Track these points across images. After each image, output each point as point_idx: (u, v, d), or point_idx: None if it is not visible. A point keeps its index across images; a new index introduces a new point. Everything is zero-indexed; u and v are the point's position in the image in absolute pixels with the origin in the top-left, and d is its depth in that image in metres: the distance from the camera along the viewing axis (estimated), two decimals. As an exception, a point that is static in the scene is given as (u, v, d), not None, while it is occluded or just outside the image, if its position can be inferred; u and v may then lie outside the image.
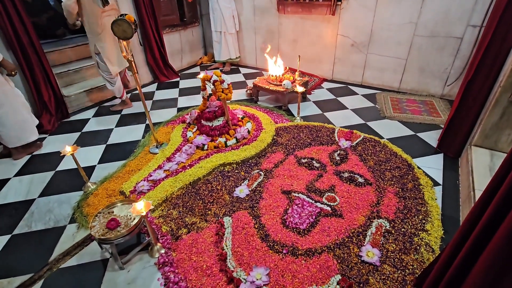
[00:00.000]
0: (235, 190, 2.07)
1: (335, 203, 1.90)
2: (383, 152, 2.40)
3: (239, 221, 1.80)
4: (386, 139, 2.64)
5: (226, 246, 1.63)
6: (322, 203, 1.90)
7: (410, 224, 1.72)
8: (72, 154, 2.01)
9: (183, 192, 2.08)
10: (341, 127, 2.85)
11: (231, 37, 4.50)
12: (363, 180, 2.09)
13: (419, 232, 1.66)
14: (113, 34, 2.11)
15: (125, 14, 2.11)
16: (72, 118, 3.37)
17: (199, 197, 2.03)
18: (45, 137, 2.97)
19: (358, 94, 3.65)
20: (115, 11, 3.04)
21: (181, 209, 1.93)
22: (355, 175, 2.14)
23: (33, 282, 1.54)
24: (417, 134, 2.70)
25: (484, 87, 1.97)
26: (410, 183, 2.04)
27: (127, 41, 2.19)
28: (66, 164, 2.49)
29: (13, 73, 2.37)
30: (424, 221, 1.74)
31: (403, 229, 1.69)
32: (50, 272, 1.58)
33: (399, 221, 1.75)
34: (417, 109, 3.14)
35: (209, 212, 1.90)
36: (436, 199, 1.92)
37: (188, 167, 2.29)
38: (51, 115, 3.13)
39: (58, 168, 2.45)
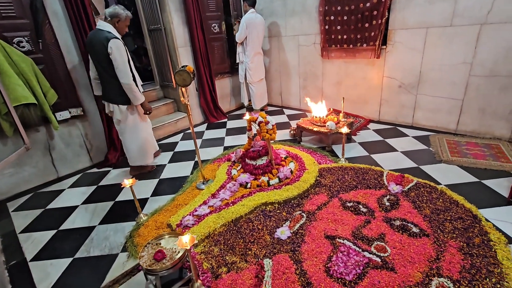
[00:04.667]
0: (276, 231, 2.03)
1: (386, 254, 1.73)
2: (441, 200, 2.17)
3: (280, 264, 1.74)
4: (444, 185, 2.40)
5: (266, 290, 1.57)
6: (370, 253, 1.75)
7: (481, 287, 1.47)
8: (131, 187, 2.23)
9: (225, 229, 2.11)
10: (390, 170, 2.69)
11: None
12: (418, 230, 1.88)
13: (494, 299, 1.40)
14: (175, 82, 2.44)
15: (186, 66, 2.44)
16: (133, 153, 3.79)
17: (240, 235, 2.03)
18: (109, 170, 3.37)
19: (408, 136, 3.46)
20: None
21: (222, 246, 1.95)
22: (409, 224, 1.95)
23: (85, 306, 1.65)
24: (482, 181, 2.40)
25: None
26: (477, 238, 1.78)
27: (186, 87, 2.50)
28: (124, 195, 2.75)
29: (148, 112, 2.92)
30: (499, 286, 1.46)
31: (471, 293, 1.44)
32: (100, 298, 1.69)
33: (466, 282, 1.50)
34: (480, 153, 2.83)
35: (250, 252, 1.87)
36: (513, 259, 1.63)
37: (231, 204, 2.34)
38: (117, 151, 3.57)
39: (117, 199, 2.72)
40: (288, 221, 2.12)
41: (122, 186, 2.23)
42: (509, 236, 1.80)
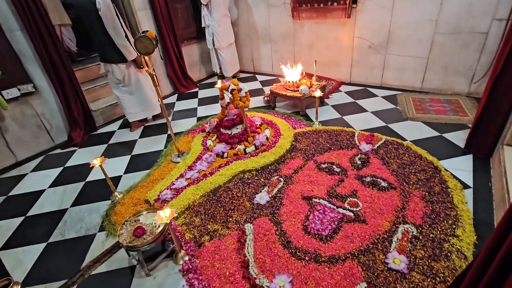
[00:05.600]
0: (255, 197, 2.08)
1: (358, 209, 1.85)
2: (406, 155, 2.32)
3: (260, 228, 1.80)
4: (410, 141, 2.55)
5: (248, 253, 1.64)
6: (344, 209, 1.86)
7: (439, 229, 1.64)
8: (100, 166, 2.12)
9: (205, 199, 2.12)
10: (361, 130, 2.79)
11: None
12: (386, 184, 2.02)
13: (450, 238, 1.58)
14: (137, 50, 2.23)
15: (147, 31, 2.22)
16: (100, 131, 3.56)
17: (220, 204, 2.06)
18: (75, 150, 3.16)
19: (377, 96, 3.57)
20: None
21: (203, 216, 1.97)
22: (378, 179, 2.08)
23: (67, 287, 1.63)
24: (443, 135, 2.59)
25: (515, 83, 1.86)
26: (437, 187, 1.95)
27: (149, 56, 2.31)
28: (95, 175, 2.63)
29: (141, 67, 3.06)
30: (454, 226, 1.65)
31: (431, 235, 1.61)
32: (82, 278, 1.67)
33: (427, 226, 1.67)
34: (442, 109, 3.01)
35: (231, 219, 1.92)
36: (466, 202, 1.82)
37: (209, 175, 2.33)
38: (80, 129, 3.33)
39: (88, 179, 2.60)
40: (267, 187, 2.17)
41: (91, 166, 2.10)
42: (464, 182, 1.99)
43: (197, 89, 4.64)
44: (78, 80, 3.33)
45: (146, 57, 2.28)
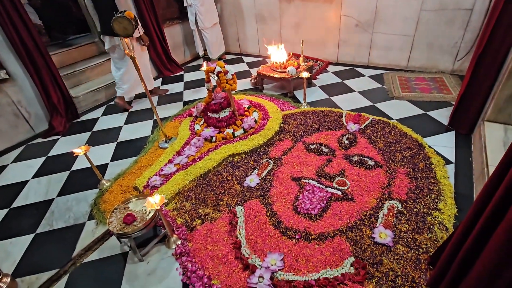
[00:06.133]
0: (245, 180, 2.09)
1: (346, 187, 1.90)
2: (392, 134, 2.37)
3: (251, 209, 1.83)
4: (396, 119, 2.59)
5: (240, 234, 1.67)
6: (332, 188, 1.90)
7: (423, 204, 1.71)
8: (85, 154, 2.06)
9: (195, 184, 2.12)
10: (348, 110, 2.81)
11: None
12: (373, 163, 2.07)
13: (432, 212, 1.66)
14: (114, 31, 2.12)
15: (125, 11, 2.10)
16: (82, 118, 3.44)
17: (210, 188, 2.06)
18: (58, 139, 3.05)
19: (364, 76, 3.57)
20: None
21: (194, 201, 1.97)
22: (365, 158, 2.12)
23: (59, 277, 1.62)
24: (427, 112, 2.64)
25: (497, 60, 1.90)
26: (421, 163, 2.01)
27: (129, 38, 2.20)
28: (80, 164, 2.56)
29: (147, 44, 3.25)
30: (436, 200, 1.72)
31: (415, 209, 1.68)
32: (74, 266, 1.66)
33: (411, 201, 1.74)
34: (427, 87, 3.05)
35: (221, 202, 1.93)
36: (448, 177, 1.89)
37: (198, 160, 2.32)
38: (62, 117, 3.20)
39: (73, 168, 2.53)
40: (256, 169, 2.18)
41: (74, 155, 2.04)
42: (446, 158, 2.06)
43: (182, 73, 4.50)
44: (55, 64, 3.16)
45: (126, 39, 2.17)
